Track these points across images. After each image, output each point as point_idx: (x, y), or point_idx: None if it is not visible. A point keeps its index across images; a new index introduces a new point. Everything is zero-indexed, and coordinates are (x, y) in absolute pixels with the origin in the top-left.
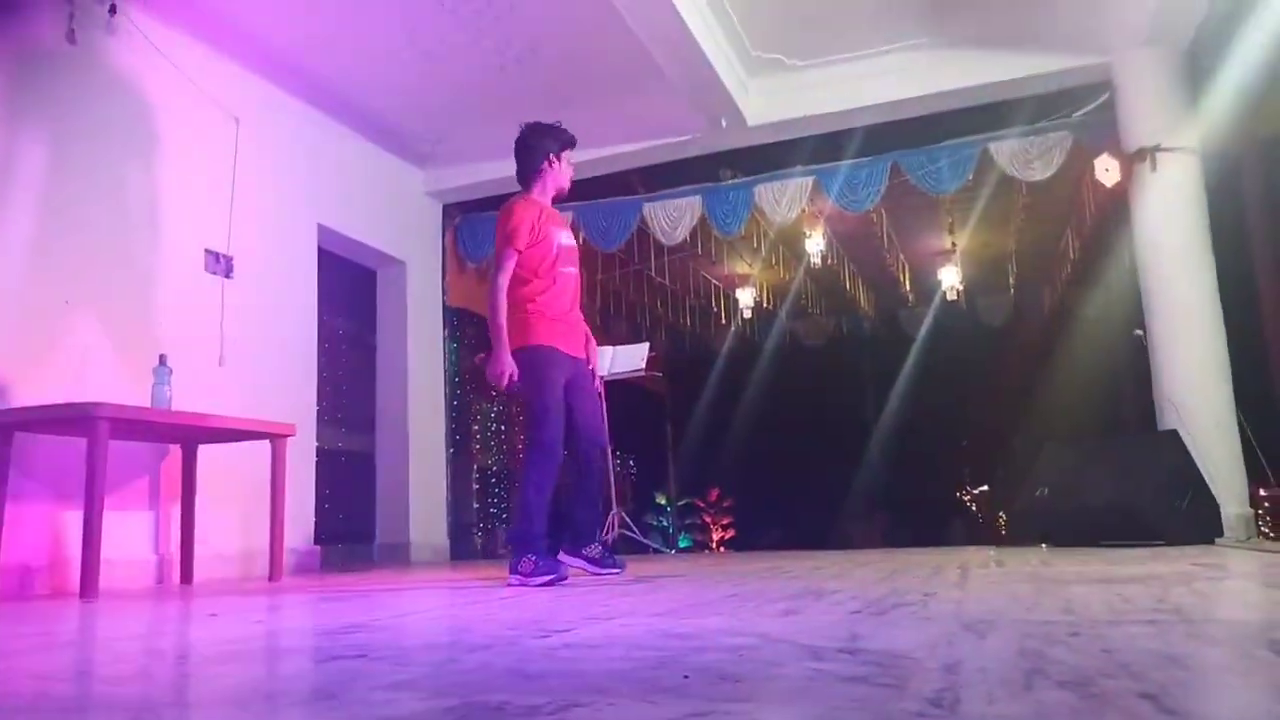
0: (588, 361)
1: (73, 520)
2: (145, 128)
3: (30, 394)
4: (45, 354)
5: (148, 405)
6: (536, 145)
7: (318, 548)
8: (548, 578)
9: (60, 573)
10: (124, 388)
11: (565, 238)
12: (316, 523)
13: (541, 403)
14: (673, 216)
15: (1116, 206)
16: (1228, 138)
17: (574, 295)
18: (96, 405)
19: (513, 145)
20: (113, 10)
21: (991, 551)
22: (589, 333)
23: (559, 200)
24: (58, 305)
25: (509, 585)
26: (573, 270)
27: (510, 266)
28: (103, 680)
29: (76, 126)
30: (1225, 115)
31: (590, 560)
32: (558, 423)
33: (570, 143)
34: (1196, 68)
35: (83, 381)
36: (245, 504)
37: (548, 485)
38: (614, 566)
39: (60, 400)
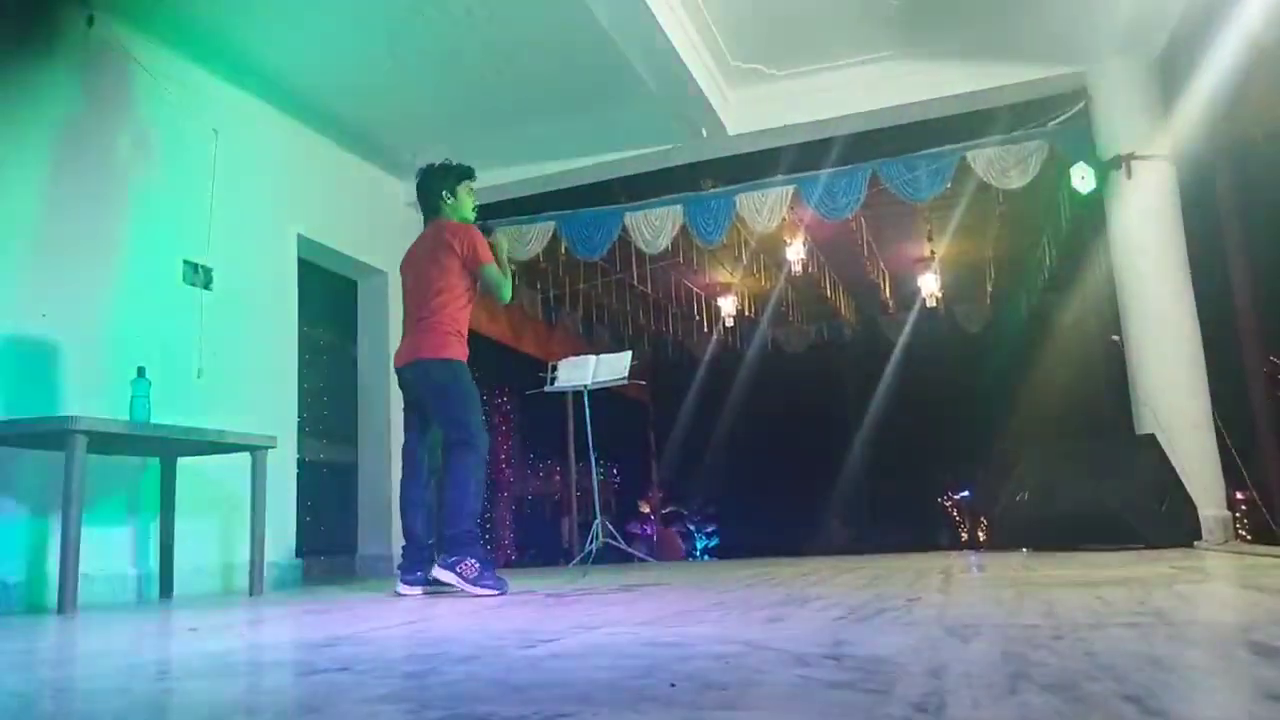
0: None
1: (50, 534)
2: (123, 138)
3: (6, 407)
4: (21, 367)
5: (126, 418)
6: (431, 186)
7: (299, 560)
8: (494, 592)
9: (38, 588)
10: (102, 400)
11: None
12: (298, 535)
13: (477, 412)
14: (654, 225)
15: (1092, 213)
16: (1201, 144)
17: None
18: (73, 419)
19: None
20: (90, 21)
21: (973, 556)
22: None
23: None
24: (34, 317)
25: (437, 581)
26: None
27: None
28: (81, 696)
29: (53, 137)
30: (1199, 122)
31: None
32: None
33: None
34: (1170, 75)
35: (60, 395)
36: (225, 517)
37: (482, 490)
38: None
39: (37, 414)
